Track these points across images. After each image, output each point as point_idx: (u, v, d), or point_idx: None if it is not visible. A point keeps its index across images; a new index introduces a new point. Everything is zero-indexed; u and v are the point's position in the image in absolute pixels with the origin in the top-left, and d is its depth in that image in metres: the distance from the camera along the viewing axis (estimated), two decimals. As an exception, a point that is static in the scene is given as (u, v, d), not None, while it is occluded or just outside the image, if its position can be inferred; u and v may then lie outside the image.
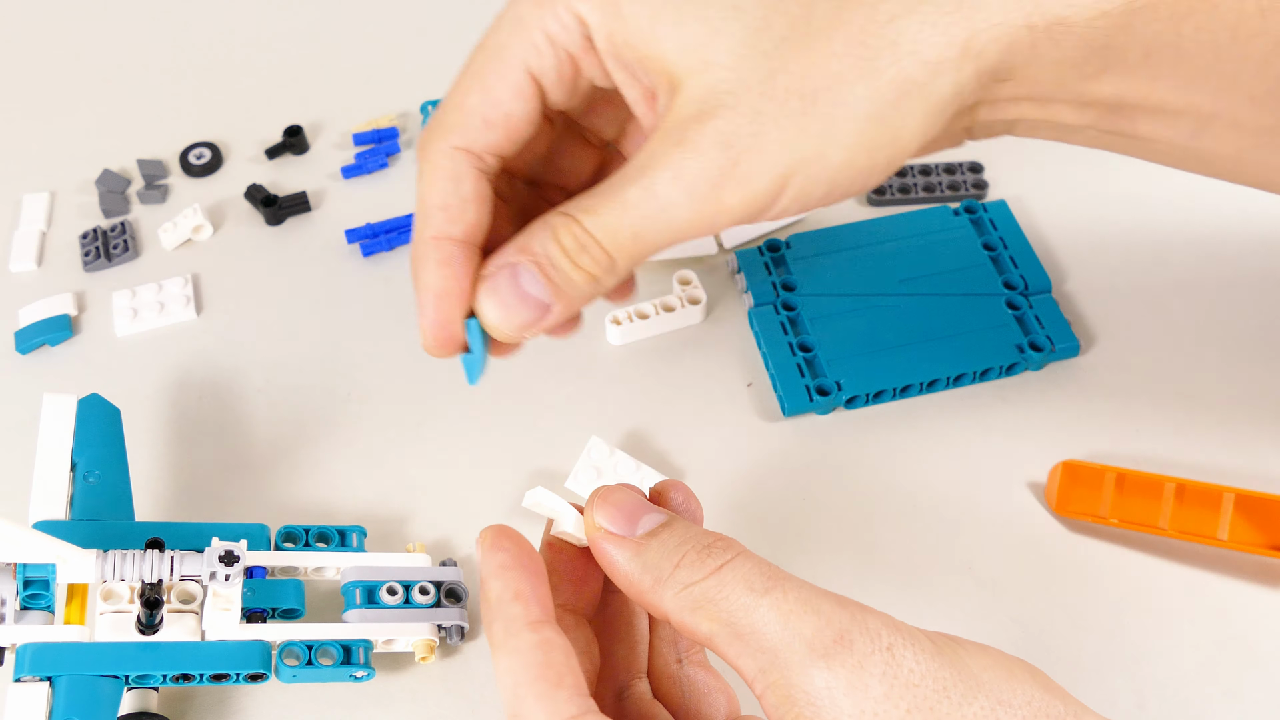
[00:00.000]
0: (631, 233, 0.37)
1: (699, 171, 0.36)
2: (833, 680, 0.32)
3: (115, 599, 0.44)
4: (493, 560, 0.36)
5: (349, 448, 0.55)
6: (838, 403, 0.54)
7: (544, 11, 0.38)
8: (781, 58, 0.36)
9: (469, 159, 0.39)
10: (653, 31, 0.37)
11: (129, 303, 0.60)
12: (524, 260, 0.38)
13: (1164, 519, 0.48)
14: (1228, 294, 0.58)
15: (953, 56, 0.37)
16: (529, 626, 0.34)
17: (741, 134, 0.36)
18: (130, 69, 0.73)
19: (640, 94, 0.39)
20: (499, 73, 0.39)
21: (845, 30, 0.37)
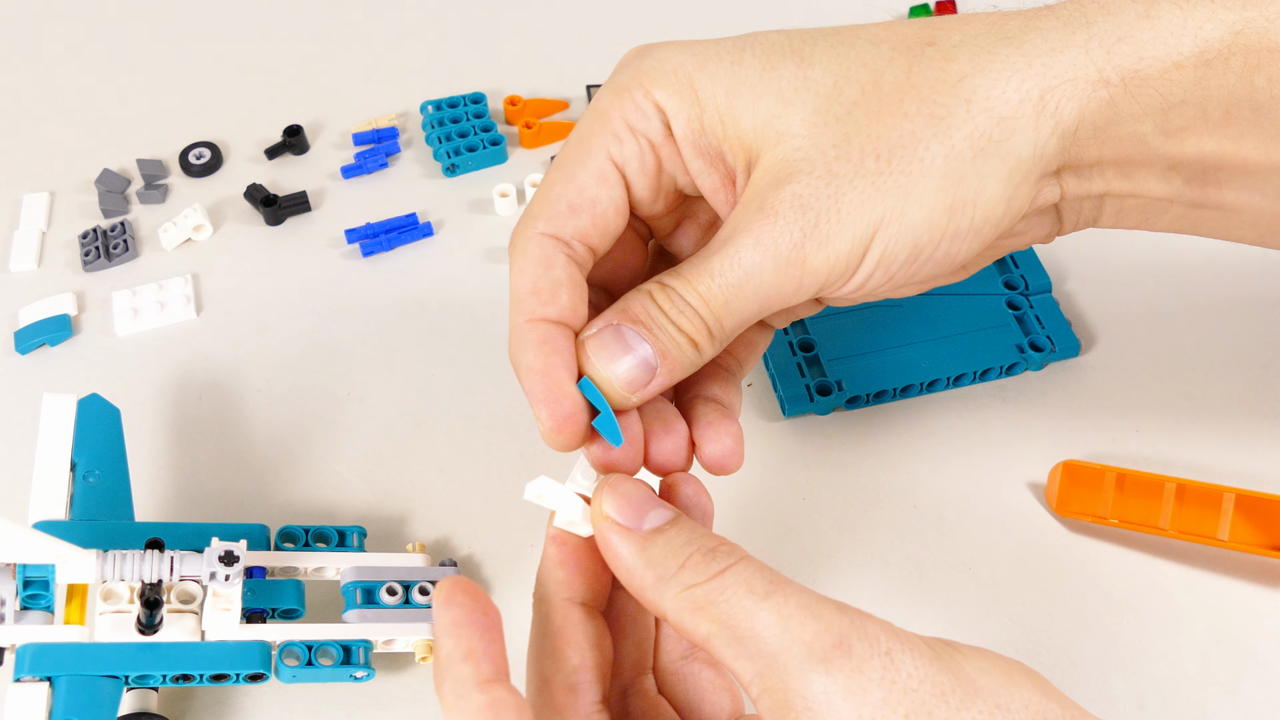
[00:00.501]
0: (723, 300, 0.37)
1: (779, 235, 0.37)
2: (831, 685, 0.32)
3: (115, 599, 0.44)
4: (445, 617, 0.35)
5: (349, 448, 0.55)
6: (838, 403, 0.54)
7: (623, 100, 0.39)
8: (854, 122, 0.37)
9: (557, 244, 0.39)
10: (730, 111, 0.38)
11: (129, 303, 0.60)
12: (625, 320, 0.38)
13: (1164, 519, 0.48)
14: (1228, 294, 0.58)
15: (1028, 112, 0.37)
16: (478, 687, 0.33)
17: (819, 195, 0.37)
18: (130, 69, 0.73)
19: (719, 181, 0.40)
20: (582, 161, 0.39)
21: (916, 92, 0.37)
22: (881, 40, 0.39)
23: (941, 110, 0.37)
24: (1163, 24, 0.37)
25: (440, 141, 0.66)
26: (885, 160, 0.37)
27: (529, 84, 0.70)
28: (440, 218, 0.64)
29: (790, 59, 0.38)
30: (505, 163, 0.66)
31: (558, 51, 0.72)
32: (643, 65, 0.39)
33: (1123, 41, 0.37)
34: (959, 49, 0.38)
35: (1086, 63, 0.37)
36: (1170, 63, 0.37)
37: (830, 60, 0.38)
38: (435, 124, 0.67)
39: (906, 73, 0.38)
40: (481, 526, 0.52)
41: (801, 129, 0.37)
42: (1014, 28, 0.38)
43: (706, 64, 0.39)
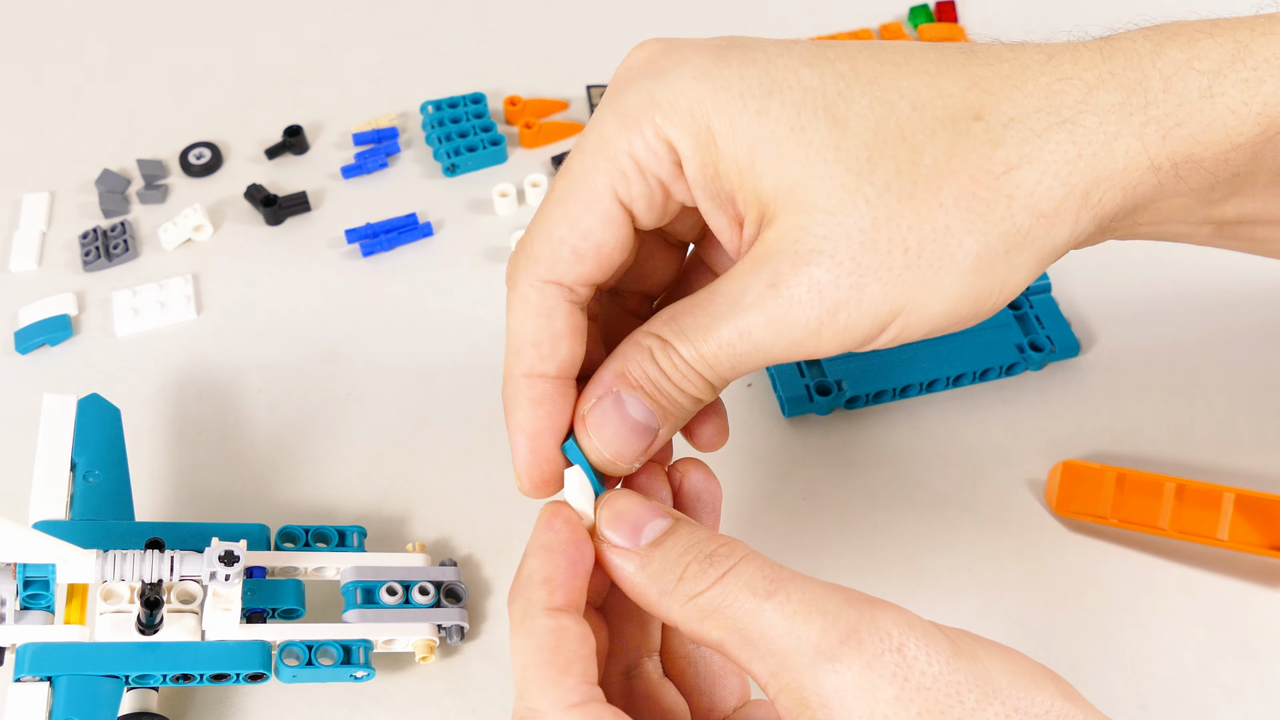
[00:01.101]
0: (729, 364, 0.36)
1: (794, 320, 0.35)
2: (841, 683, 0.32)
3: (115, 599, 0.44)
4: (539, 539, 0.35)
5: (349, 448, 0.55)
6: (838, 403, 0.54)
7: (631, 135, 0.36)
8: (885, 206, 0.35)
9: (560, 292, 0.37)
10: (751, 167, 0.35)
11: (129, 303, 0.60)
12: (624, 387, 0.37)
13: (1164, 519, 0.48)
14: (1228, 294, 0.58)
15: (1071, 207, 0.35)
16: (545, 611, 0.34)
17: (841, 285, 0.35)
18: (130, 69, 0.73)
19: (727, 222, 0.37)
20: (586, 202, 0.37)
21: (955, 180, 0.35)
22: (925, 105, 0.35)
23: (981, 205, 0.35)
24: (1226, 102, 0.35)
25: (440, 141, 0.66)
26: (914, 254, 0.35)
27: (529, 84, 0.70)
28: (440, 218, 0.64)
29: (822, 117, 0.35)
30: (505, 163, 0.66)
31: (558, 51, 0.72)
32: (656, 94, 0.36)
33: (1182, 126, 0.35)
34: (1008, 131, 0.35)
35: (1140, 150, 0.35)
36: (1229, 145, 0.35)
37: (866, 126, 0.35)
38: (435, 124, 0.67)
39: (948, 154, 0.35)
40: (481, 526, 0.52)
41: (828, 205, 0.35)
42: (1069, 104, 0.35)
43: (728, 107, 0.35)
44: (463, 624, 0.47)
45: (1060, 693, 0.33)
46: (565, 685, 0.33)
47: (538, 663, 0.33)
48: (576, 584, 0.35)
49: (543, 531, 0.36)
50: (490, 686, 0.47)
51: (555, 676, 0.33)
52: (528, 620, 0.34)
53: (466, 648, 0.49)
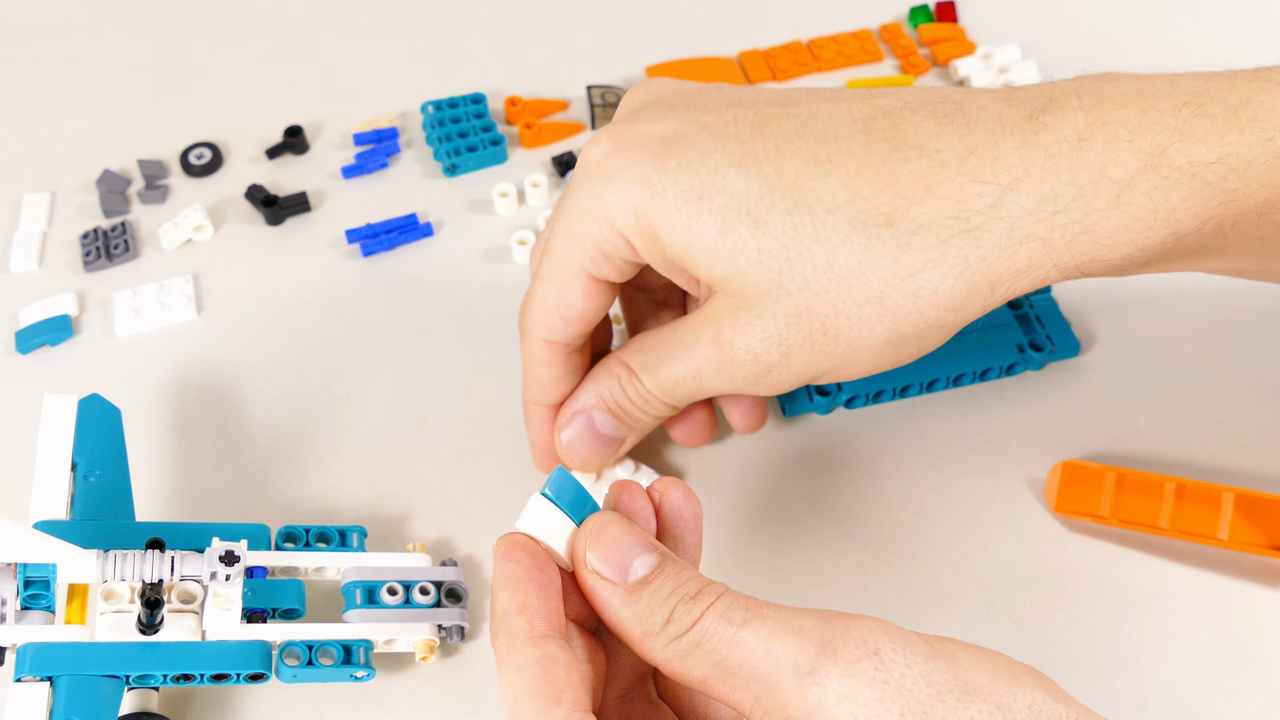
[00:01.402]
0: (685, 395, 0.46)
1: (735, 375, 0.43)
2: (822, 694, 0.32)
3: (115, 599, 0.44)
4: (503, 571, 0.36)
5: (349, 448, 0.55)
6: (838, 403, 0.54)
7: (592, 229, 0.43)
8: (805, 300, 0.41)
9: (556, 347, 0.47)
10: (689, 259, 0.42)
11: (130, 303, 0.60)
12: (593, 406, 0.47)
13: (1164, 519, 0.48)
14: (1228, 293, 0.58)
15: (977, 299, 0.40)
16: (530, 641, 0.34)
17: (771, 353, 0.42)
18: (130, 69, 0.73)
19: (685, 280, 0.45)
20: (567, 282, 0.45)
21: (866, 282, 0.40)
22: (838, 208, 0.40)
23: (890, 304, 0.40)
24: (1133, 211, 0.38)
25: (440, 141, 0.66)
26: (833, 337, 0.41)
27: (529, 84, 0.70)
28: (440, 218, 0.64)
29: (745, 222, 0.41)
30: (505, 163, 0.66)
31: (558, 51, 0.72)
32: (606, 197, 0.42)
33: (1087, 233, 0.38)
34: (915, 236, 0.39)
35: (1044, 254, 0.39)
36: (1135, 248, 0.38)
37: (785, 230, 0.40)
38: (435, 124, 0.67)
39: (859, 258, 0.40)
40: (481, 526, 0.52)
41: (756, 294, 0.41)
42: (978, 210, 0.39)
43: (664, 210, 0.42)
44: (463, 624, 0.47)
45: (1042, 688, 0.33)
46: (558, 716, 0.33)
47: (529, 694, 0.33)
48: (551, 606, 0.35)
49: (504, 564, 0.36)
50: (490, 686, 0.47)
51: (547, 707, 0.33)
52: (513, 653, 0.34)
53: (466, 648, 0.49)
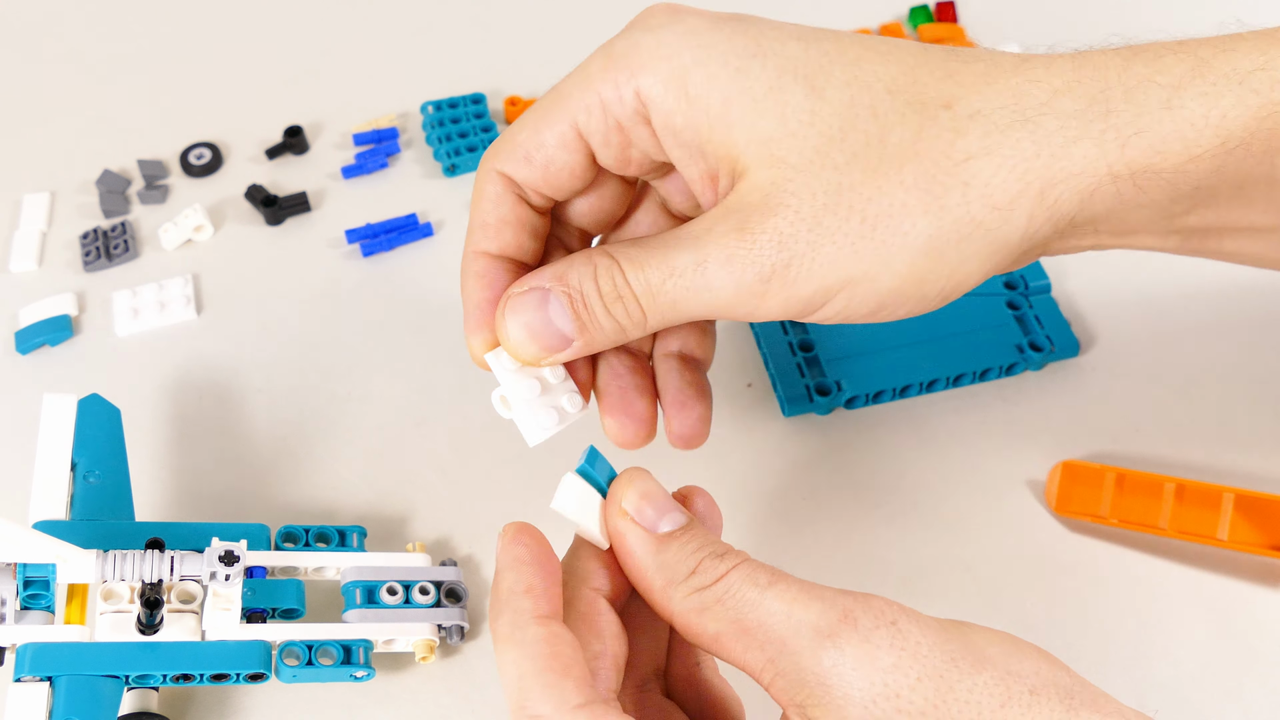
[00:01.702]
0: (671, 299, 0.38)
1: (750, 263, 0.36)
2: (840, 658, 0.33)
3: (115, 599, 0.44)
4: (510, 554, 0.36)
5: (349, 448, 0.55)
6: (838, 403, 0.54)
7: (606, 76, 0.38)
8: (850, 174, 0.36)
9: (509, 184, 0.40)
10: (724, 118, 0.37)
11: (129, 303, 0.60)
12: (557, 289, 0.38)
13: (1164, 519, 0.48)
14: (1228, 293, 0.58)
15: (1025, 205, 0.36)
16: (536, 620, 0.34)
17: (799, 238, 0.36)
18: (130, 69, 0.73)
19: (700, 174, 0.39)
20: (550, 120, 0.39)
21: (918, 163, 0.36)
22: (899, 90, 0.37)
23: (939, 189, 0.36)
24: (1185, 115, 0.36)
25: (440, 141, 0.66)
26: (870, 224, 0.36)
27: (529, 84, 0.70)
28: (440, 218, 0.64)
29: (801, 83, 0.37)
30: (505, 163, 0.66)
31: (558, 51, 0.72)
32: (641, 41, 0.38)
33: (1140, 135, 0.36)
34: (972, 121, 0.37)
35: (1098, 156, 0.36)
36: (1187, 156, 0.36)
37: (842, 99, 0.37)
38: (435, 124, 0.67)
39: (914, 137, 0.36)
40: (481, 526, 0.52)
41: (799, 163, 0.36)
42: (1033, 105, 0.37)
43: (708, 62, 0.37)
44: (463, 624, 0.47)
45: (1045, 659, 0.34)
46: (567, 688, 0.33)
47: (536, 669, 0.33)
48: (555, 593, 0.35)
49: (511, 547, 0.36)
50: (490, 686, 0.47)
51: (556, 680, 0.33)
52: (518, 631, 0.34)
53: (466, 648, 0.49)
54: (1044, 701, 0.32)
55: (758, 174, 0.37)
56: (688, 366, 0.43)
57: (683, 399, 0.42)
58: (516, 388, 0.40)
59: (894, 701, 0.32)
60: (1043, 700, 0.32)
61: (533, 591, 0.35)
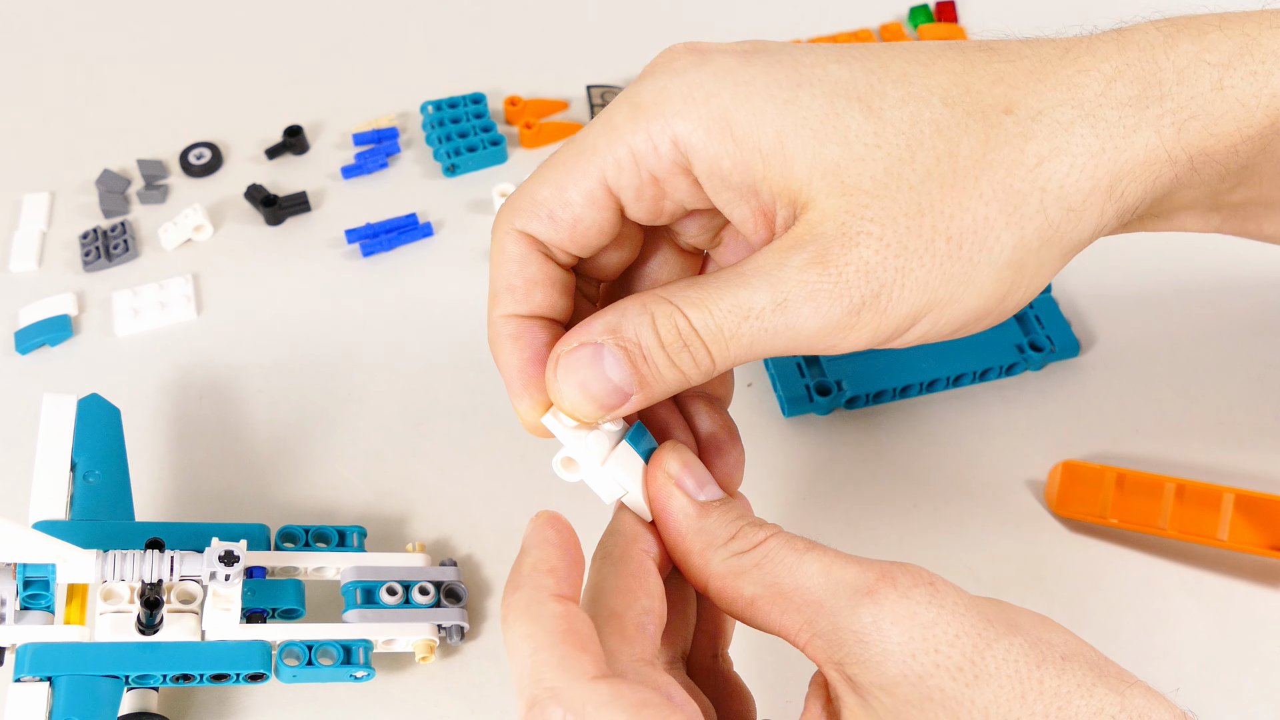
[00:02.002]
0: (746, 342, 0.35)
1: (838, 297, 0.35)
2: (879, 613, 0.33)
3: (115, 599, 0.44)
4: (539, 534, 0.35)
5: (349, 448, 0.55)
6: (838, 403, 0.54)
7: (636, 126, 0.36)
8: (928, 194, 0.35)
9: (534, 244, 0.38)
10: (780, 153, 0.35)
11: (129, 303, 0.60)
12: (611, 343, 0.36)
13: (1164, 519, 0.48)
14: (1227, 293, 0.58)
15: (1097, 200, 0.36)
16: (555, 598, 0.33)
17: (887, 267, 0.35)
18: (130, 69, 0.73)
19: (750, 213, 0.37)
20: (574, 176, 0.37)
21: (992, 173, 0.35)
22: (956, 101, 0.36)
23: (1017, 198, 0.35)
24: (1236, 95, 0.36)
25: (440, 141, 0.66)
26: (957, 244, 0.35)
27: (529, 84, 0.70)
28: (440, 218, 0.64)
29: (856, 106, 0.35)
30: (505, 163, 0.66)
31: (558, 51, 0.72)
32: (670, 88, 0.36)
33: (1195, 119, 0.36)
34: (1037, 124, 0.36)
35: (1158, 144, 0.36)
36: (1240, 137, 0.36)
37: (902, 118, 0.35)
38: (435, 124, 0.67)
39: (983, 147, 0.35)
40: (481, 526, 0.52)
41: (873, 187, 0.35)
42: (1090, 97, 0.36)
43: (751, 99, 0.35)
44: (463, 624, 0.47)
45: (1075, 636, 0.34)
46: (585, 660, 0.32)
47: (551, 643, 0.32)
48: (577, 580, 0.35)
49: (542, 529, 0.36)
50: (490, 686, 0.47)
51: (572, 653, 0.32)
52: (535, 606, 0.33)
53: (466, 648, 0.49)
54: (1076, 666, 0.33)
55: (827, 203, 0.35)
56: (713, 408, 0.41)
57: (717, 443, 0.41)
58: (583, 451, 0.37)
59: (933, 656, 0.32)
60: (1075, 665, 0.33)
61: (555, 572, 0.34)
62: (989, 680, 0.32)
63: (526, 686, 0.32)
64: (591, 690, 0.31)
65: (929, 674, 0.32)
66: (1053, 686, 0.32)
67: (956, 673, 0.32)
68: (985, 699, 0.32)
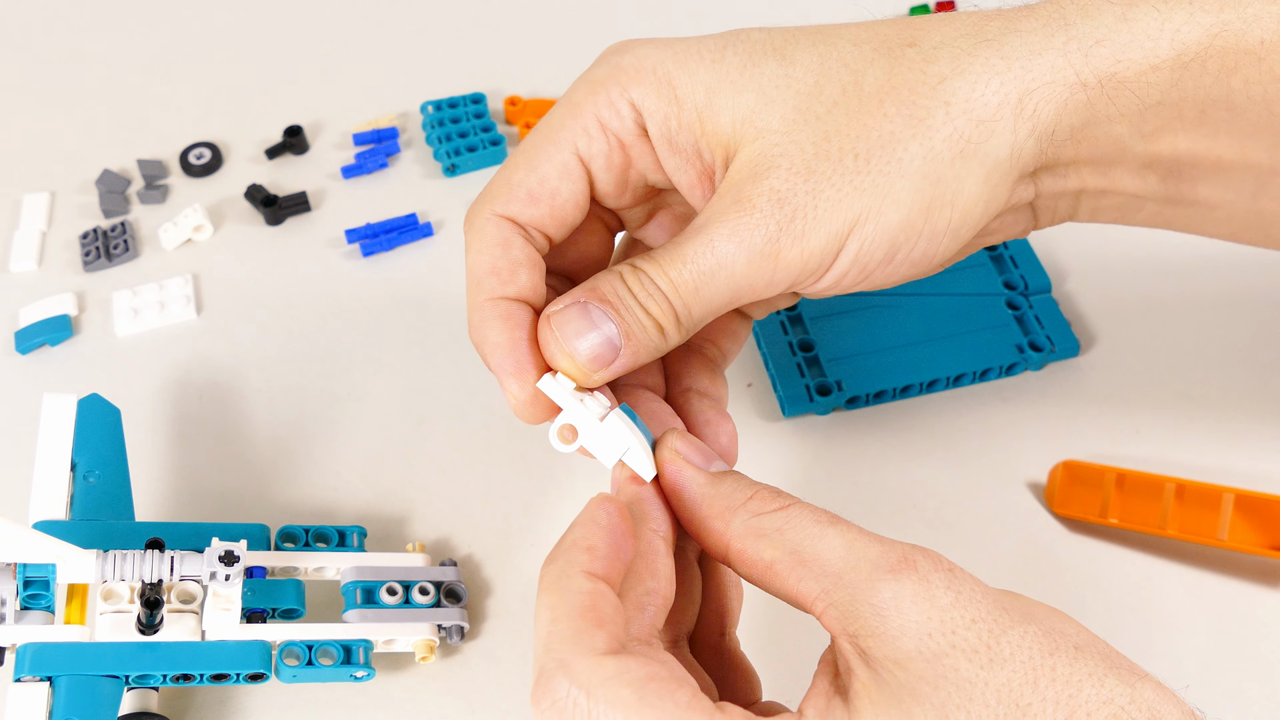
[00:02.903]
0: (693, 286, 0.38)
1: (754, 227, 0.37)
2: (900, 590, 0.33)
3: (115, 599, 0.44)
4: (590, 513, 0.36)
5: (349, 448, 0.55)
6: (838, 403, 0.54)
7: (598, 97, 0.39)
8: (834, 120, 0.37)
9: (514, 228, 0.40)
10: (710, 108, 0.38)
11: (129, 303, 0.60)
12: (593, 298, 0.38)
13: (1164, 519, 0.48)
14: (1227, 294, 0.58)
15: (1007, 115, 0.37)
16: (586, 575, 0.34)
17: (796, 191, 0.37)
18: (130, 69, 0.73)
19: (695, 176, 0.40)
20: (547, 152, 0.40)
21: (896, 93, 0.37)
22: (863, 41, 0.39)
23: (921, 112, 0.37)
24: (1140, 27, 0.37)
25: (440, 141, 0.66)
26: (864, 159, 0.37)
27: (529, 84, 0.70)
28: (440, 218, 0.64)
29: (772, 57, 0.39)
30: (505, 163, 0.66)
31: (558, 51, 0.72)
32: (621, 61, 0.39)
33: (1101, 44, 0.37)
34: (939, 50, 0.38)
35: (1065, 65, 0.37)
36: (1147, 65, 0.37)
37: (812, 59, 0.38)
38: (435, 124, 0.67)
39: (887, 74, 0.38)
40: (481, 526, 0.52)
41: (781, 125, 0.38)
42: (994, 29, 0.38)
43: (687, 62, 0.39)
44: (463, 624, 0.47)
45: (1086, 629, 0.35)
46: (598, 637, 0.33)
47: (570, 616, 0.33)
48: (617, 564, 0.35)
49: (595, 509, 0.36)
50: (490, 686, 0.47)
51: (588, 628, 0.33)
52: (564, 579, 0.34)
53: (466, 648, 0.49)
54: (1088, 656, 0.33)
55: (746, 151, 0.38)
56: (704, 397, 0.43)
57: (706, 417, 0.43)
58: (582, 413, 0.38)
59: (950, 638, 0.33)
60: (1087, 655, 0.33)
61: (594, 550, 0.34)
62: (1004, 664, 0.32)
63: (539, 656, 0.33)
64: (597, 664, 0.32)
65: (945, 653, 0.32)
66: (1065, 674, 0.32)
67: (972, 655, 0.32)
68: (999, 681, 0.32)
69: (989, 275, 0.58)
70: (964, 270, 0.58)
